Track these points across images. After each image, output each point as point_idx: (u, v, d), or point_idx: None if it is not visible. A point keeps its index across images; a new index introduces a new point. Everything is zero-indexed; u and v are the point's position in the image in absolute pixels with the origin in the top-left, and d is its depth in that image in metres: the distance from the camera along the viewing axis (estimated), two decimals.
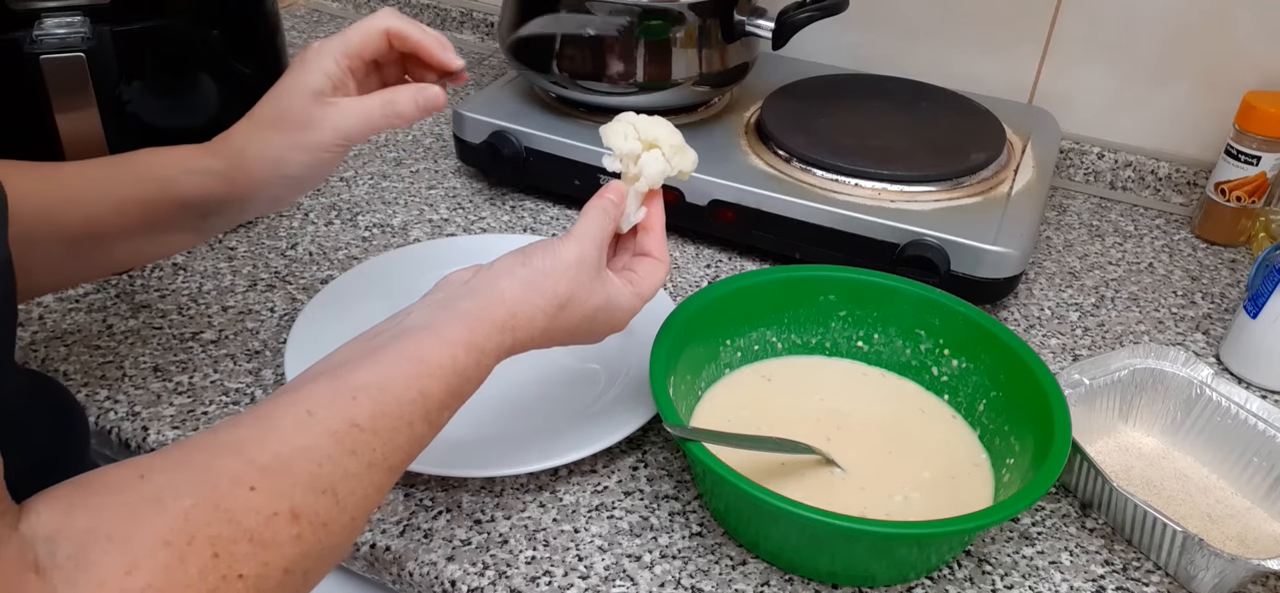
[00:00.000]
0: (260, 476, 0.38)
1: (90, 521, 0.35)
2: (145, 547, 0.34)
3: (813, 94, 0.95)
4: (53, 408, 0.51)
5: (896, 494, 0.59)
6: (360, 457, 0.42)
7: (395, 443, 0.43)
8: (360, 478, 0.42)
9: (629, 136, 0.57)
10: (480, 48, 1.26)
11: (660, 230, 0.58)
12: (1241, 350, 0.73)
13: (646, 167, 0.57)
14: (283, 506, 0.38)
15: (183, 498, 0.36)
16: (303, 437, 0.40)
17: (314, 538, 0.39)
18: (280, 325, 0.74)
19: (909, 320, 0.67)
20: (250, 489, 0.38)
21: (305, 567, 0.39)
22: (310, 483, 0.39)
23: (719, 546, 0.58)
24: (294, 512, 0.38)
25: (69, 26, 0.69)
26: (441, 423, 0.47)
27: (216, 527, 0.36)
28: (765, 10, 0.89)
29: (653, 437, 0.65)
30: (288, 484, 0.39)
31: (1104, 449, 0.66)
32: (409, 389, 0.44)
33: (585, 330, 0.54)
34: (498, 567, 0.56)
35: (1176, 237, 0.93)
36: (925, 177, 0.81)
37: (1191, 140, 0.96)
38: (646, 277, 0.56)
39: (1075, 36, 0.97)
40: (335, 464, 0.41)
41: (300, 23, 1.30)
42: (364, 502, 0.42)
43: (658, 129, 0.57)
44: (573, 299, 0.52)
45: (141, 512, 0.35)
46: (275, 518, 0.38)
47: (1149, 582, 0.57)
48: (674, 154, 0.57)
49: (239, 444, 0.39)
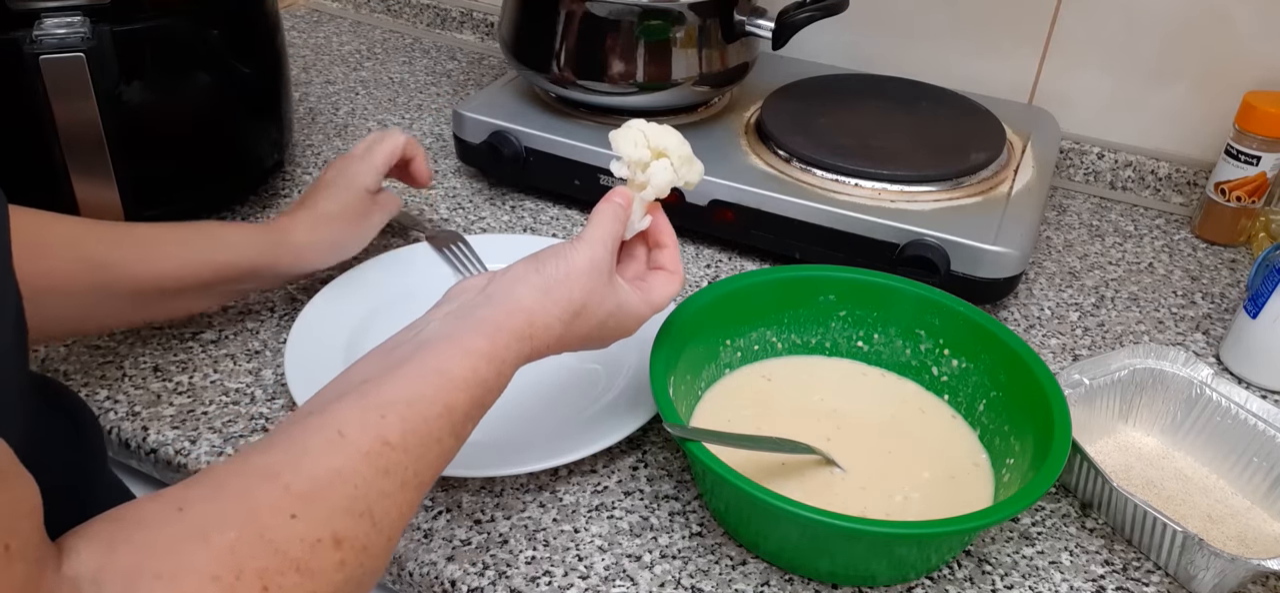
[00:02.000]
0: (299, 502, 0.38)
1: (134, 558, 0.34)
2: (194, 583, 0.34)
3: (813, 94, 0.95)
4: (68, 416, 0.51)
5: (896, 494, 0.59)
6: (393, 476, 0.41)
7: (426, 459, 0.43)
8: (394, 498, 0.41)
9: (639, 144, 0.56)
10: (480, 48, 1.26)
11: (674, 246, 0.59)
12: (1241, 350, 0.73)
13: (655, 176, 0.56)
14: (325, 532, 0.38)
15: (227, 531, 0.35)
16: (336, 459, 0.40)
17: (356, 563, 0.39)
18: (280, 325, 0.74)
19: (909, 320, 0.67)
20: (291, 517, 0.37)
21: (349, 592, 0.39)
22: (349, 507, 0.39)
23: (719, 546, 0.58)
24: (336, 538, 0.38)
25: (69, 26, 0.69)
26: (465, 435, 0.46)
27: (263, 559, 0.35)
28: (765, 10, 0.89)
29: (653, 437, 0.65)
30: (327, 510, 0.38)
31: (1104, 449, 0.66)
32: (435, 404, 0.44)
33: (597, 336, 0.54)
34: (498, 567, 0.56)
35: (1176, 237, 0.93)
36: (925, 177, 0.81)
37: (1191, 140, 0.96)
38: (659, 288, 0.57)
39: (1075, 37, 0.97)
40: (370, 485, 0.40)
41: (300, 23, 1.30)
42: (398, 522, 0.42)
43: (667, 138, 0.57)
44: (587, 306, 0.52)
45: (186, 547, 0.35)
46: (319, 546, 0.37)
47: (1149, 582, 0.57)
48: (682, 165, 0.57)
49: (274, 470, 0.39)
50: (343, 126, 1.03)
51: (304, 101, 1.09)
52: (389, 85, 1.14)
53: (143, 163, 0.75)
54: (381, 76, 1.16)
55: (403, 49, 1.24)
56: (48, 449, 0.46)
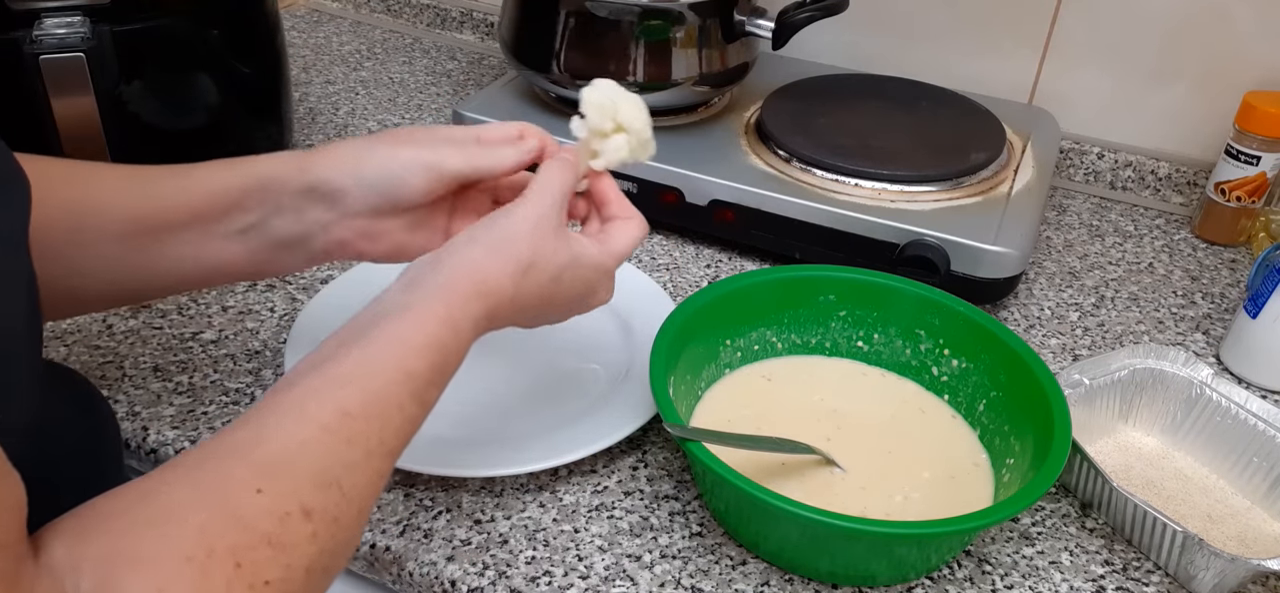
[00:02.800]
0: (265, 477, 0.38)
1: (107, 545, 0.34)
2: (170, 565, 0.34)
3: (813, 94, 0.95)
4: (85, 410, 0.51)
5: (896, 494, 0.59)
6: (357, 445, 0.42)
7: (389, 427, 0.43)
8: (361, 467, 0.42)
9: (605, 112, 0.56)
10: (480, 48, 1.26)
11: (618, 193, 0.57)
12: (1241, 350, 0.73)
13: (610, 149, 0.56)
14: (293, 505, 0.38)
15: (197, 512, 0.36)
16: (299, 432, 0.40)
17: (328, 534, 0.39)
18: (280, 325, 0.74)
19: (909, 320, 0.67)
20: (258, 492, 0.37)
21: (324, 564, 0.39)
22: (315, 478, 0.39)
23: (719, 546, 0.58)
24: (305, 509, 0.38)
25: (69, 26, 0.69)
26: (431, 401, 0.47)
27: (233, 535, 0.36)
28: (765, 10, 0.89)
29: (653, 437, 0.65)
30: (293, 483, 0.39)
31: (1104, 449, 0.66)
32: (396, 371, 0.44)
33: (559, 295, 0.53)
34: (498, 567, 0.56)
35: (1176, 237, 0.93)
36: (925, 177, 0.81)
37: (1191, 140, 0.96)
38: (618, 234, 0.55)
39: (1075, 37, 0.97)
40: (335, 456, 0.41)
41: (300, 23, 1.30)
42: (367, 490, 0.42)
43: (633, 117, 0.56)
44: (536, 259, 0.51)
45: (157, 530, 0.35)
46: (288, 518, 0.38)
47: (1149, 582, 0.57)
48: (639, 147, 0.57)
49: (237, 447, 0.39)
50: (343, 126, 1.03)
51: (304, 101, 1.09)
52: (389, 85, 1.14)
53: (143, 163, 0.75)
54: (381, 76, 1.16)
55: (403, 49, 1.24)
56: (61, 441, 0.46)
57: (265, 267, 0.57)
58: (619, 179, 0.58)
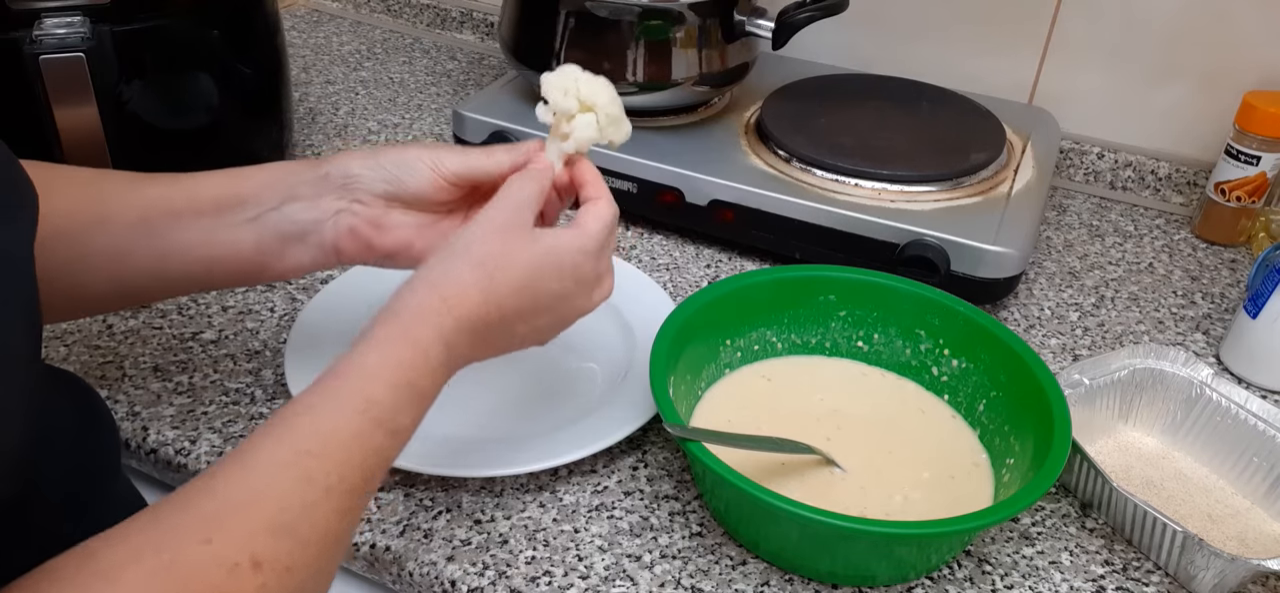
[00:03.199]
0: (213, 526, 0.37)
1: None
2: None
3: (813, 94, 0.95)
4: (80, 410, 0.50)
5: (896, 494, 0.59)
6: (316, 483, 0.40)
7: (351, 460, 0.42)
8: (320, 506, 0.40)
9: (568, 92, 0.55)
10: (480, 48, 1.26)
11: (594, 175, 0.56)
12: (1241, 350, 0.73)
13: (577, 129, 0.55)
14: (242, 556, 0.36)
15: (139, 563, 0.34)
16: (253, 478, 0.39)
17: (278, 585, 0.37)
18: (280, 325, 0.74)
19: (909, 320, 0.67)
20: (205, 542, 0.36)
21: None
22: (269, 524, 0.38)
23: (719, 546, 0.58)
24: (255, 560, 0.37)
25: (69, 26, 0.69)
26: (405, 428, 0.45)
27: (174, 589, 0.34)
28: (765, 10, 0.89)
29: (653, 437, 0.65)
30: (245, 532, 0.37)
31: (1104, 449, 0.66)
32: (353, 399, 0.43)
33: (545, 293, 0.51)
34: (498, 567, 0.56)
35: (1176, 237, 0.93)
36: (925, 177, 0.81)
37: (1191, 140, 0.96)
38: (588, 216, 0.53)
39: (1075, 37, 0.97)
40: (291, 498, 0.39)
41: (300, 23, 1.30)
42: (330, 531, 0.40)
43: (598, 93, 0.55)
44: (502, 259, 0.49)
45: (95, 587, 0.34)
46: (237, 570, 0.36)
47: (1149, 582, 0.57)
48: (609, 125, 0.56)
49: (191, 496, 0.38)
50: (343, 126, 1.03)
51: (304, 101, 1.09)
52: (389, 85, 1.14)
53: (143, 163, 0.75)
54: (381, 76, 1.16)
55: (403, 49, 1.24)
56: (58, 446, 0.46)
57: (272, 261, 0.57)
58: (619, 179, 0.58)
